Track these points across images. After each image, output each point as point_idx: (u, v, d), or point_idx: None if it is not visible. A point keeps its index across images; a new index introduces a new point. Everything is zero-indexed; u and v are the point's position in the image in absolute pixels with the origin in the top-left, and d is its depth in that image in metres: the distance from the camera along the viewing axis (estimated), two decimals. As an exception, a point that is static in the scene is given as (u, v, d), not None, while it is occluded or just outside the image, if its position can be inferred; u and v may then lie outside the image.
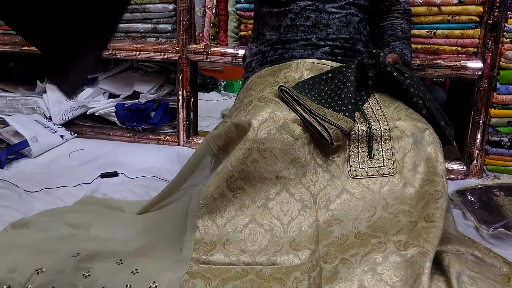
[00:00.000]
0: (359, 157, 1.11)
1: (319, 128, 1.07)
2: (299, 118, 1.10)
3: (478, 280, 0.85)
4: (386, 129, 1.11)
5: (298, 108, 1.11)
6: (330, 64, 1.30)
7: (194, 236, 1.04)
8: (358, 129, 1.11)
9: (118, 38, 2.09)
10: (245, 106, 1.15)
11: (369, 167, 1.09)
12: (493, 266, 1.04)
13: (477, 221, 1.44)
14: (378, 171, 1.08)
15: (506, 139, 1.78)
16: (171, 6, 2.00)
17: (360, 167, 1.10)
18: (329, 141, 1.07)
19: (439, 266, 0.85)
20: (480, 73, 1.74)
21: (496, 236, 1.36)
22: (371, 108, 1.17)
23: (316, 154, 1.10)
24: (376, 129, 1.11)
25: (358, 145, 1.11)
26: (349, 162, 1.10)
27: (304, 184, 1.07)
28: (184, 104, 2.06)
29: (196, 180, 1.22)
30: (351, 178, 1.08)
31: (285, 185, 1.07)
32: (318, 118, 1.08)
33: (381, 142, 1.11)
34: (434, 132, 1.13)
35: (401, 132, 1.10)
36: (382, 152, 1.10)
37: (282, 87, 1.14)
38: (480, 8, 1.71)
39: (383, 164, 1.09)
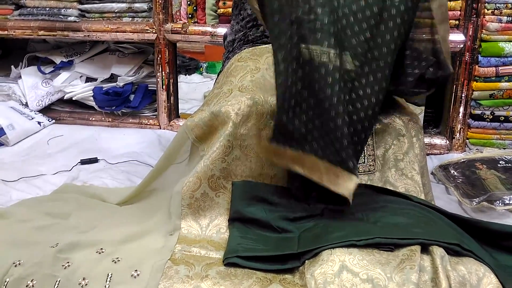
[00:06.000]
0: None
1: None
2: None
3: (464, 258, 0.86)
4: None
5: None
6: None
7: (177, 234, 1.02)
8: None
9: (93, 19, 2.02)
10: (224, 95, 1.12)
11: None
12: None
13: (460, 196, 1.44)
14: (358, 168, 1.08)
15: (488, 112, 1.78)
16: (146, -17, 1.94)
17: None
18: None
19: (423, 248, 0.85)
20: (462, 45, 1.73)
21: (479, 209, 1.37)
22: None
23: None
24: None
25: None
26: None
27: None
28: (163, 86, 2.02)
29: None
30: None
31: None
32: None
33: None
34: (418, 122, 1.12)
35: (384, 125, 1.09)
36: (364, 148, 1.09)
37: None
38: (461, -20, 1.69)
39: (364, 161, 1.08)
